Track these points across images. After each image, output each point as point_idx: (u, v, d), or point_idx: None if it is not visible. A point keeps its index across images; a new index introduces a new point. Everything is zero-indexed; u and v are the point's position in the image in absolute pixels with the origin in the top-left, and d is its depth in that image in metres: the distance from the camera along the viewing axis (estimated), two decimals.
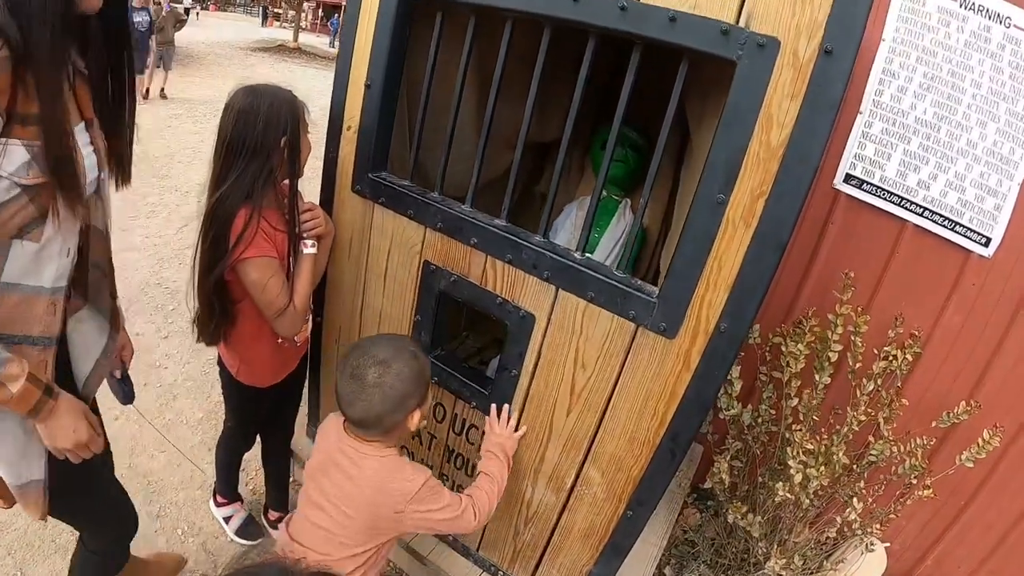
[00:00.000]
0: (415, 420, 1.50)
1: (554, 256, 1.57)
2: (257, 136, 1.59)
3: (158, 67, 9.21)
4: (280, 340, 1.88)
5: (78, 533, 1.77)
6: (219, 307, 1.73)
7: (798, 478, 2.07)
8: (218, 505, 2.55)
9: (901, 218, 2.28)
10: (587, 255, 1.61)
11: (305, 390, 2.36)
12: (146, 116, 8.09)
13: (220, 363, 2.02)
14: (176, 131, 7.70)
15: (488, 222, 1.68)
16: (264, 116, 1.59)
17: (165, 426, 3.07)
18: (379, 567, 1.66)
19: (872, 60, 2.20)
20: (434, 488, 1.54)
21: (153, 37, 8.94)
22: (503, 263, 1.66)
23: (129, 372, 1.78)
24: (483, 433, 1.91)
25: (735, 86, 1.26)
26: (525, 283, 1.65)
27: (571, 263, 1.55)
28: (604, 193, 2.43)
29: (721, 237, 1.35)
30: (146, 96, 8.92)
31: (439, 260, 1.81)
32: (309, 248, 1.77)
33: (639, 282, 1.52)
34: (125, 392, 1.77)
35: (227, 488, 2.50)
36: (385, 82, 1.76)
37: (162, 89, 9.34)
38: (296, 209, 1.74)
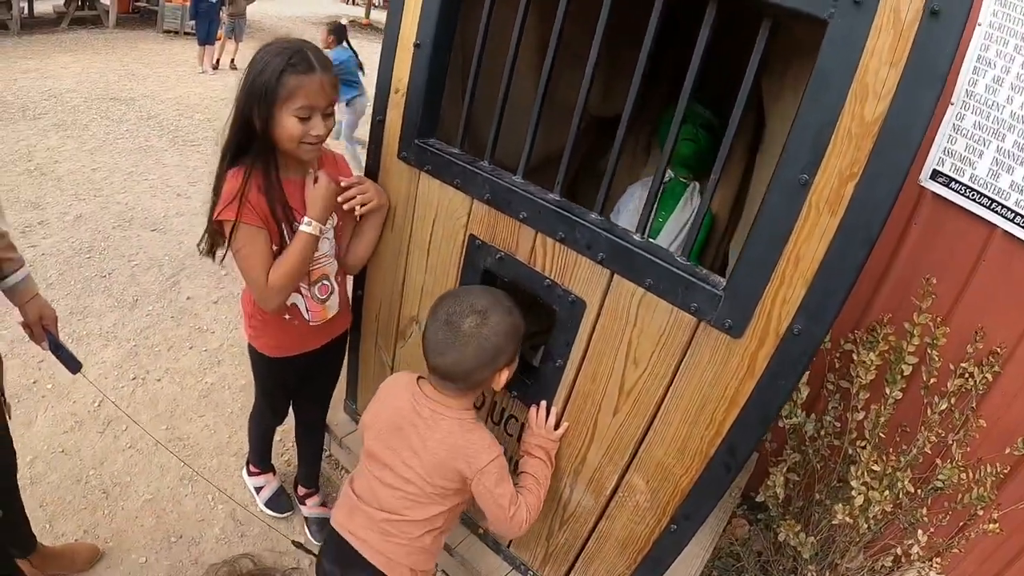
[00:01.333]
0: (503, 379, 1.47)
1: (611, 237, 1.42)
2: (240, 99, 1.54)
3: (229, 38, 9.33)
4: (287, 316, 1.81)
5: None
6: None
7: (859, 500, 1.91)
8: (250, 475, 2.53)
9: (990, 222, 2.08)
10: (648, 239, 1.46)
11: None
12: (215, 86, 8.23)
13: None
14: None
15: (540, 195, 1.54)
16: (249, 80, 1.52)
17: (206, 390, 3.07)
18: (448, 532, 1.64)
19: (967, 46, 2.01)
20: (502, 469, 1.50)
21: (224, 8, 9.05)
22: (554, 241, 1.52)
23: (61, 340, 1.79)
24: (523, 425, 1.80)
25: (825, 49, 1.09)
26: (577, 264, 1.51)
27: (629, 245, 1.40)
28: (671, 175, 2.29)
29: (802, 225, 1.18)
30: (216, 66, 9.05)
31: (485, 235, 1.68)
32: (304, 226, 1.63)
33: (705, 271, 1.36)
34: (65, 360, 1.76)
35: (258, 459, 2.48)
36: (435, 42, 1.64)
37: (232, 60, 9.47)
38: (279, 185, 1.63)
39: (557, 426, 1.70)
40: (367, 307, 2.18)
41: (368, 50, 13.10)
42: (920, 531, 1.96)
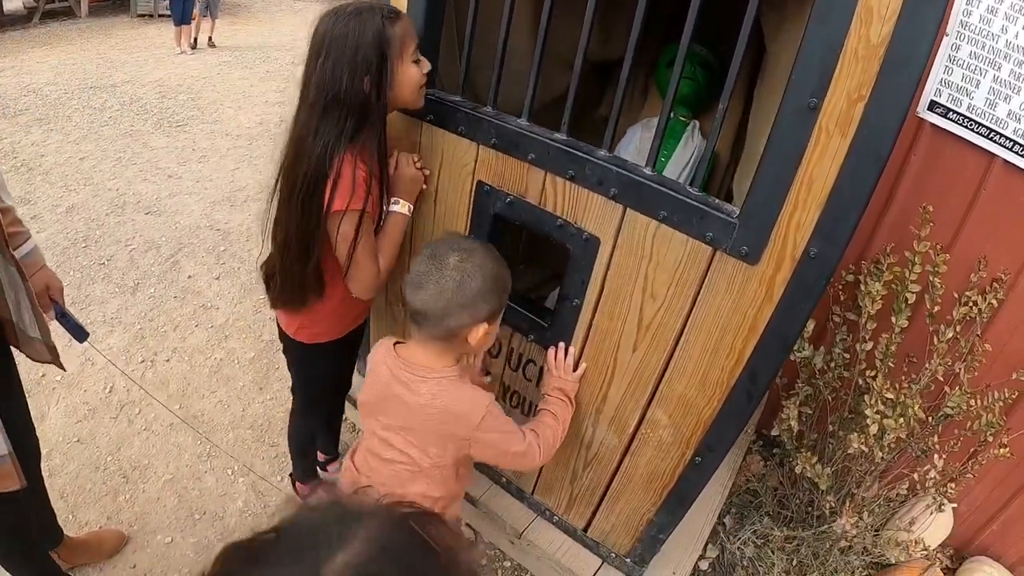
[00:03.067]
0: (479, 334, 1.36)
1: (622, 171, 1.42)
2: (339, 80, 1.43)
3: (204, 16, 9.18)
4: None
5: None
6: (314, 270, 1.60)
7: (874, 429, 1.94)
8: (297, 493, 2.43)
9: (989, 152, 2.08)
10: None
11: None
12: (195, 64, 8.12)
13: (281, 333, 1.89)
14: (226, 77, 7.70)
15: (547, 135, 1.53)
16: (347, 53, 1.41)
17: (216, 366, 3.08)
18: (459, 499, 1.62)
19: None
20: (497, 418, 1.44)
21: None
22: (564, 180, 1.52)
23: (67, 308, 1.79)
24: (541, 368, 1.81)
25: None
26: (589, 202, 1.51)
27: (641, 179, 1.40)
28: (671, 114, 2.26)
29: (813, 148, 1.19)
30: (194, 46, 8.91)
31: (493, 180, 1.67)
32: (397, 206, 1.65)
33: (718, 201, 1.36)
34: (72, 328, 1.76)
35: (306, 476, 2.37)
36: None
37: (210, 37, 9.32)
38: (386, 160, 1.60)
39: (576, 367, 1.70)
40: None
41: None
42: (936, 456, 2.00)
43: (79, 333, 1.77)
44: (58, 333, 1.70)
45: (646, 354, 1.58)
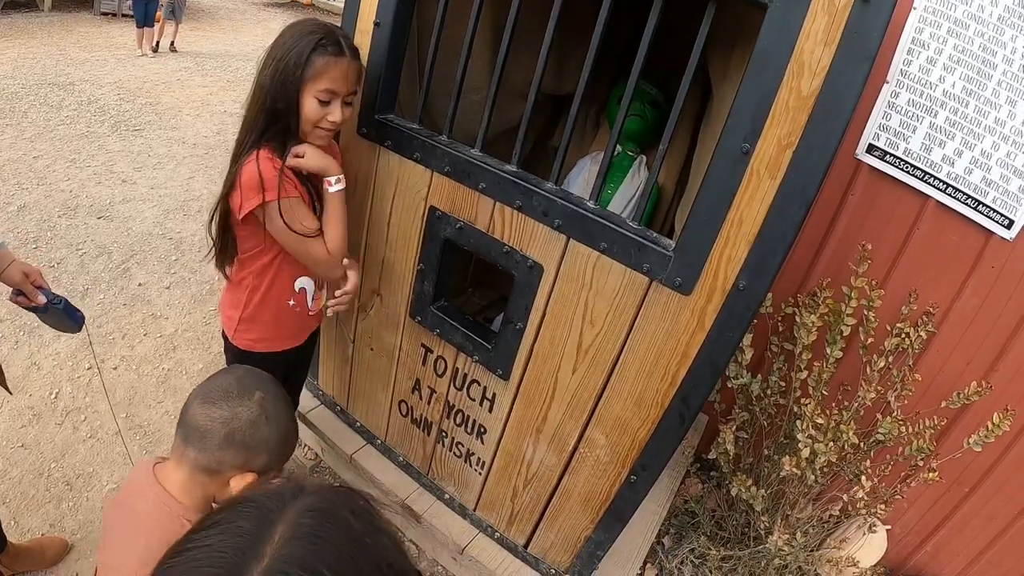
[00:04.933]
0: (243, 483, 1.17)
1: (566, 204, 1.50)
2: (264, 79, 1.50)
3: (168, 20, 9.09)
4: (291, 301, 1.78)
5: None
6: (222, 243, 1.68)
7: (805, 452, 2.03)
8: None
9: (923, 193, 2.20)
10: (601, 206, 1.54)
11: None
12: (156, 68, 8.01)
13: (224, 337, 1.89)
14: (186, 84, 7.61)
15: (498, 167, 1.60)
16: (274, 59, 1.49)
17: (164, 376, 3.05)
18: None
19: (901, 28, 2.13)
20: None
21: None
22: (512, 210, 1.59)
23: (57, 292, 1.71)
24: (485, 388, 1.86)
25: (765, 30, 1.19)
26: (534, 231, 1.58)
27: (584, 211, 1.48)
28: (619, 148, 2.37)
29: (744, 189, 1.28)
30: (156, 49, 8.81)
31: (445, 206, 1.73)
32: (335, 186, 1.64)
33: (655, 234, 1.44)
34: (67, 314, 1.68)
35: None
36: (395, 21, 1.67)
37: (172, 43, 9.22)
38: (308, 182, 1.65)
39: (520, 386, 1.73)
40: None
41: None
42: (864, 478, 2.08)
43: (73, 318, 1.68)
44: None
45: (585, 376, 1.64)
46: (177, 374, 3.07)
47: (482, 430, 1.93)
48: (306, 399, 2.51)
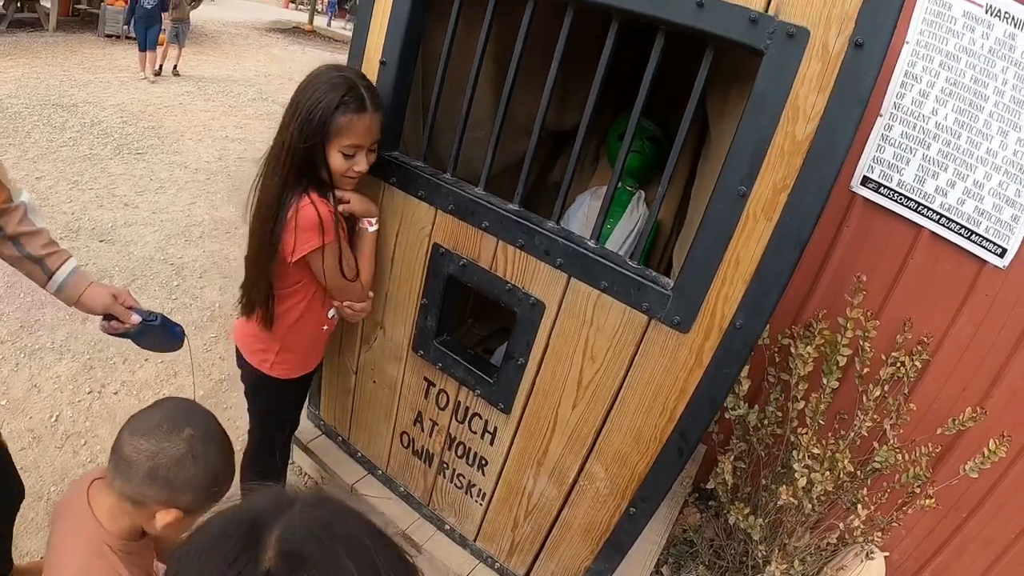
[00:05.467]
0: (167, 519, 1.15)
1: (568, 243, 1.53)
2: (293, 131, 1.54)
3: (172, 44, 9.17)
4: (324, 326, 1.87)
5: None
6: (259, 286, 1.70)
7: (802, 482, 2.04)
8: None
9: (917, 224, 2.25)
10: (601, 244, 1.57)
11: None
12: (158, 92, 8.08)
13: (242, 366, 1.91)
14: (188, 108, 7.68)
15: (501, 206, 1.65)
16: (303, 113, 1.53)
17: None
18: None
19: (895, 62, 2.17)
20: None
21: (165, 13, 8.88)
22: (515, 248, 1.63)
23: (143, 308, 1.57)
24: (487, 421, 1.88)
25: (761, 76, 1.23)
26: (536, 270, 1.61)
27: (585, 251, 1.52)
28: (619, 184, 2.39)
29: (741, 230, 1.31)
30: (159, 72, 8.88)
31: (449, 243, 1.77)
32: (373, 226, 1.80)
33: (654, 273, 1.48)
34: (167, 330, 1.57)
35: None
36: (400, 60, 1.72)
37: (175, 66, 9.29)
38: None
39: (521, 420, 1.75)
40: None
41: (310, 56, 13.14)
42: (860, 507, 2.10)
43: (173, 333, 1.58)
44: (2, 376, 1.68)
45: (585, 411, 1.66)
46: None
47: (483, 462, 1.95)
48: (307, 428, 2.52)
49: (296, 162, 1.56)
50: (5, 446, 1.69)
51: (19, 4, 9.90)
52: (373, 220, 1.80)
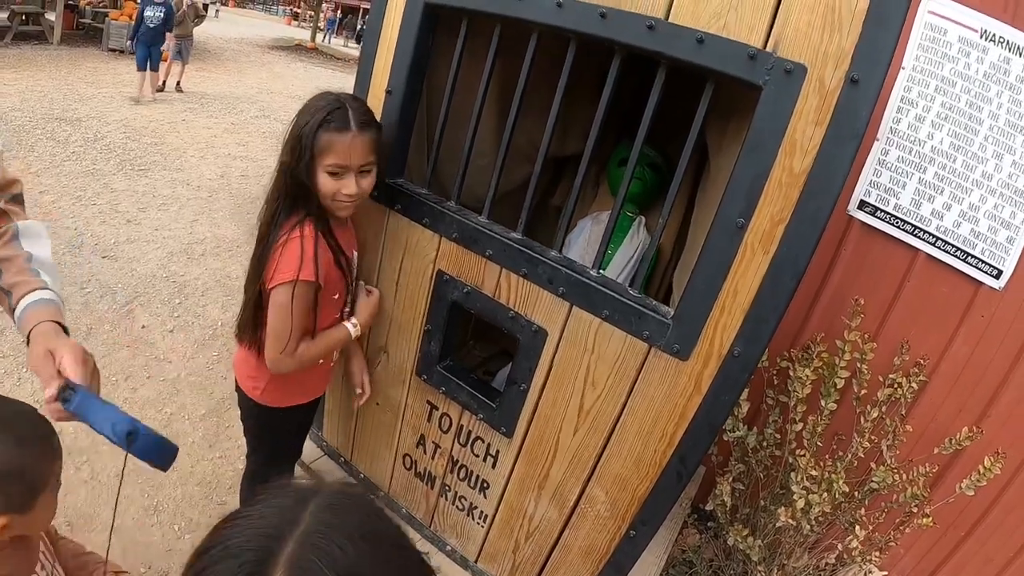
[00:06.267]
0: None
1: (570, 272, 1.56)
2: (284, 151, 1.57)
3: (175, 60, 9.22)
4: (320, 360, 1.80)
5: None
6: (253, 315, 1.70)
7: (800, 503, 2.06)
8: None
9: (913, 247, 2.28)
10: (602, 272, 1.60)
11: None
12: (161, 109, 8.14)
13: (237, 389, 1.89)
14: (190, 125, 7.74)
15: (504, 234, 1.67)
16: (293, 133, 1.55)
17: (167, 420, 3.07)
18: None
19: (891, 88, 2.21)
20: None
21: (168, 32, 8.94)
22: (518, 276, 1.65)
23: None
24: (489, 445, 1.90)
25: (759, 111, 1.26)
26: (539, 298, 1.64)
27: (587, 280, 1.54)
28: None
29: (739, 262, 1.34)
30: (161, 89, 8.94)
31: (453, 270, 1.80)
32: (351, 326, 1.79)
33: (655, 303, 1.51)
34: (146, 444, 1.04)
35: None
36: (406, 89, 1.76)
37: (178, 83, 9.36)
38: (341, 247, 1.68)
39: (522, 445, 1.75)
40: None
41: (312, 73, 13.20)
42: (858, 527, 2.12)
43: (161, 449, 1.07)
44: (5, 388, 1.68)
45: (586, 436, 1.68)
46: (180, 418, 3.10)
47: (485, 485, 1.97)
48: (310, 449, 2.53)
49: (290, 185, 1.56)
50: None
51: (24, 17, 9.98)
52: (354, 322, 1.79)
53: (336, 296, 1.74)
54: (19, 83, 7.54)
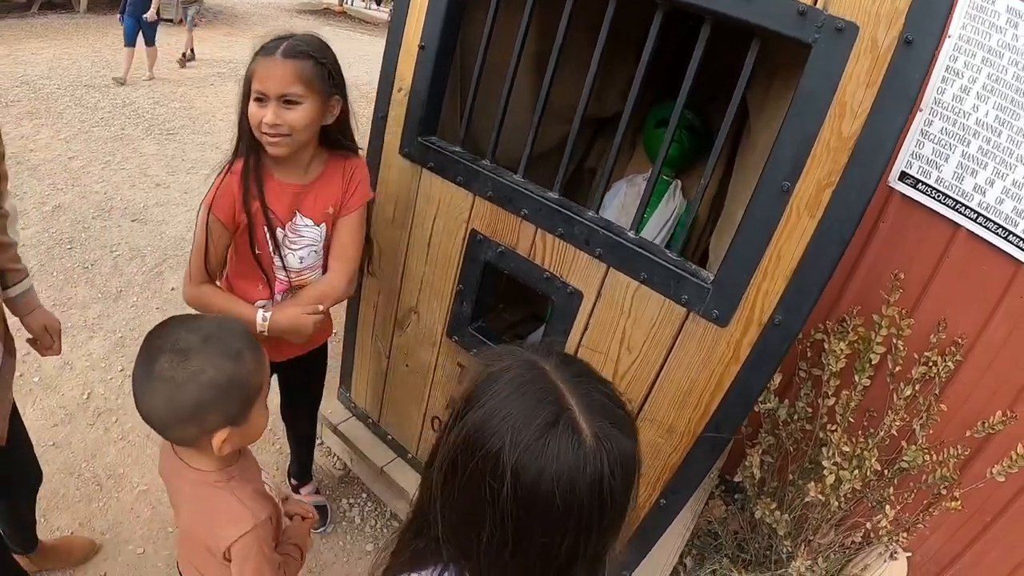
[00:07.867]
0: (218, 442, 1.11)
1: (608, 233, 1.53)
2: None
3: (190, 29, 8.95)
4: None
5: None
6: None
7: (830, 479, 2.04)
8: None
9: (954, 222, 2.21)
10: (641, 236, 1.57)
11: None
12: (189, 73, 8.16)
13: None
14: (218, 90, 7.72)
15: (540, 194, 1.64)
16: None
17: None
18: None
19: (936, 56, 2.14)
20: (253, 548, 1.18)
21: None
22: (554, 237, 1.63)
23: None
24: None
25: (808, 71, 1.22)
26: (575, 259, 1.61)
27: (625, 241, 1.51)
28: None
29: (783, 226, 1.30)
30: (185, 56, 8.83)
31: (487, 230, 1.77)
32: (260, 315, 1.61)
33: (694, 266, 1.48)
34: None
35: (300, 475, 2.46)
36: (440, 44, 1.72)
37: (183, 53, 8.95)
38: (259, 185, 1.58)
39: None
40: (364, 296, 2.24)
41: (340, 36, 13.10)
42: (888, 506, 2.09)
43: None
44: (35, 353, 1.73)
45: None
46: None
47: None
48: (338, 411, 2.55)
49: (240, 121, 1.55)
50: (26, 435, 1.75)
51: None
52: (267, 314, 1.62)
53: (258, 252, 1.63)
54: (47, 51, 7.57)
